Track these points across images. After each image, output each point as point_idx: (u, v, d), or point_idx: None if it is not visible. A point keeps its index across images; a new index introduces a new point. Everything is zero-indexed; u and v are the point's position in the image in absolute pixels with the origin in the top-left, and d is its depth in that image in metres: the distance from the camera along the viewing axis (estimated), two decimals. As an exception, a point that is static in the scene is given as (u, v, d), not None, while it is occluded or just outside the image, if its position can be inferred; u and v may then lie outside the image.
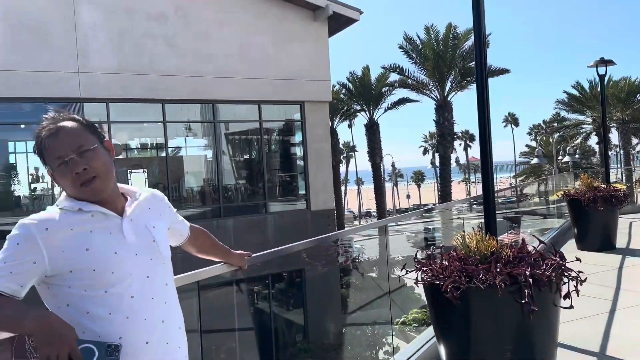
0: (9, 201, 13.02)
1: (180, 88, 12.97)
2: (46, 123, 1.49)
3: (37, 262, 1.35)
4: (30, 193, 13.72)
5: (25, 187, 13.73)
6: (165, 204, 1.68)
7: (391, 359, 3.44)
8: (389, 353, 11.44)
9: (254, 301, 14.57)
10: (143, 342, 1.40)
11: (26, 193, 13.68)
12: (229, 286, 12.40)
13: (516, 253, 2.86)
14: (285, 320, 14.84)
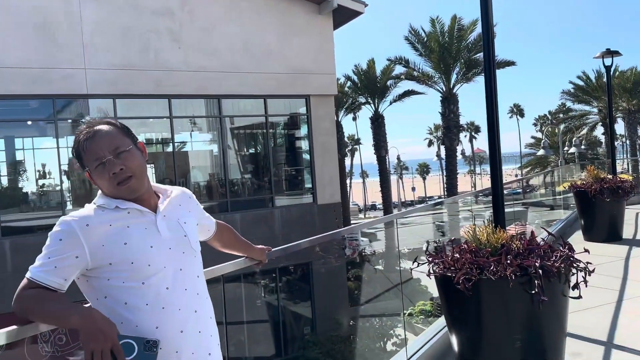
0: (16, 197, 13.13)
1: (186, 83, 13.02)
2: (83, 127, 1.57)
3: (80, 256, 1.43)
4: (38, 189, 13.82)
5: (32, 184, 13.83)
6: (194, 201, 1.76)
7: (402, 350, 3.49)
8: (396, 345, 11.54)
9: (262, 294, 14.69)
10: (178, 331, 1.48)
11: (33, 189, 13.78)
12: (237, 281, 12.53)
13: (526, 245, 2.91)
14: (293, 313, 14.95)
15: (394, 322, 11.84)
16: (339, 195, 16.21)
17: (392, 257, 18.58)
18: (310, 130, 15.10)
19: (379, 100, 28.33)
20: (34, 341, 1.75)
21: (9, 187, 13.30)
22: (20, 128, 13.79)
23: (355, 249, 17.61)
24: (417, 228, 16.77)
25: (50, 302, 1.38)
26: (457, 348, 2.99)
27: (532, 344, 2.76)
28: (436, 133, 70.62)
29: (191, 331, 1.51)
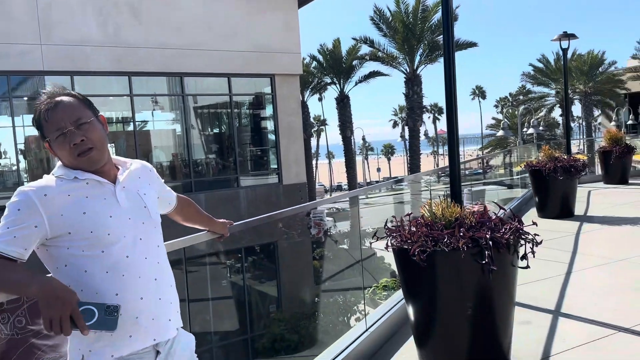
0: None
1: (147, 60, 12.75)
2: (44, 97, 1.57)
3: (39, 226, 1.45)
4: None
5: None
6: (154, 174, 1.79)
7: (362, 322, 3.62)
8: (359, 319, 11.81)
9: (228, 275, 14.73)
10: (138, 297, 1.52)
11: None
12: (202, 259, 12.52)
13: (478, 218, 3.05)
14: (259, 292, 15.06)
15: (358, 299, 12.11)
16: (305, 176, 16.31)
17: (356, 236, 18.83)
18: (276, 110, 15.06)
19: (344, 81, 28.38)
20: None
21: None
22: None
23: (321, 229, 17.77)
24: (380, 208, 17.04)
25: (9, 271, 1.39)
26: (412, 317, 3.13)
27: (482, 311, 2.91)
28: (401, 114, 71.31)
29: (151, 298, 1.55)
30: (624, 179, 11.11)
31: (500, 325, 2.98)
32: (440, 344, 3.05)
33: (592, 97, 31.99)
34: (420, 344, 3.15)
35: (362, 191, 14.59)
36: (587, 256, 5.62)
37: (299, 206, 3.90)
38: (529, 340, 3.50)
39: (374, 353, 3.43)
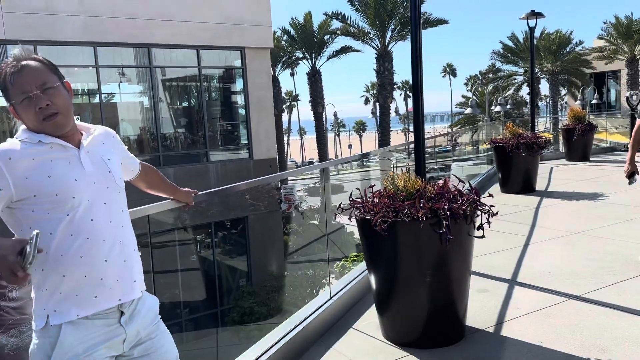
0: None
1: (113, 30, 12.41)
2: (10, 60, 1.56)
3: (4, 188, 1.47)
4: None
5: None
6: (117, 141, 1.81)
7: (326, 290, 3.73)
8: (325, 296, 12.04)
9: (198, 250, 14.73)
10: (102, 260, 1.56)
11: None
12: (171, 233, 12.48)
13: (438, 191, 3.16)
14: (228, 266, 15.13)
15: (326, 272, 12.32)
16: (276, 151, 16.31)
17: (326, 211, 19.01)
18: (246, 84, 14.92)
19: (316, 56, 28.20)
20: None
21: None
22: None
23: (291, 204, 17.86)
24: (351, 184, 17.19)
25: None
26: (374, 285, 3.24)
27: (440, 278, 3.04)
28: (372, 91, 71.34)
29: (115, 260, 1.59)
30: (586, 156, 11.49)
31: (456, 292, 3.12)
32: (400, 309, 3.18)
33: (559, 76, 32.62)
34: (381, 311, 3.28)
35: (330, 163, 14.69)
36: (545, 229, 5.86)
37: (265, 177, 3.95)
38: (485, 307, 3.67)
39: (337, 320, 3.55)
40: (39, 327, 1.53)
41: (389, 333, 3.25)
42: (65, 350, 1.49)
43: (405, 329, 3.18)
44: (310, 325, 3.28)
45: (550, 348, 3.03)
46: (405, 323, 3.18)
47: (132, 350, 1.64)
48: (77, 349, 1.50)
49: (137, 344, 1.65)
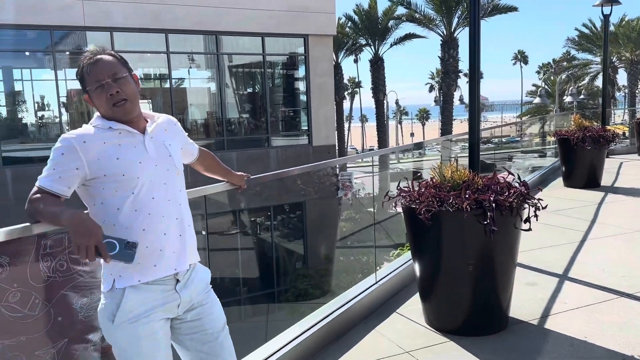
0: (16, 128, 13.29)
1: (184, 18, 12.92)
2: (87, 54, 1.80)
3: (79, 168, 1.69)
4: (37, 121, 13.96)
5: (31, 115, 13.97)
6: (179, 128, 2.02)
7: (372, 275, 3.86)
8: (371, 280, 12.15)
9: (258, 232, 15.20)
10: (162, 233, 1.77)
11: (33, 121, 13.93)
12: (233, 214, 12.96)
13: (485, 182, 3.19)
14: (286, 249, 15.52)
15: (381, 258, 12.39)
16: (335, 138, 16.45)
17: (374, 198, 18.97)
18: (308, 71, 15.10)
19: (379, 42, 27.96)
20: (36, 259, 1.99)
21: (8, 118, 13.44)
22: (18, 59, 13.77)
23: (349, 190, 18.00)
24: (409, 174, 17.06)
25: (51, 204, 1.65)
26: (418, 273, 3.34)
27: (483, 269, 3.09)
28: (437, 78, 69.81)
29: (173, 234, 1.79)
30: (660, 152, 10.86)
31: (500, 283, 3.16)
32: (443, 297, 3.26)
33: (639, 65, 30.65)
34: (424, 297, 3.37)
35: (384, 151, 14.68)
36: (605, 225, 5.68)
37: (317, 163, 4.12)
38: (532, 300, 3.67)
39: (381, 304, 3.67)
40: (106, 289, 1.76)
41: (431, 319, 3.34)
42: (128, 310, 1.72)
43: (447, 316, 3.26)
44: (355, 307, 3.43)
45: (594, 343, 3.02)
46: (448, 310, 3.26)
47: (186, 314, 1.84)
48: (137, 310, 1.72)
49: (190, 309, 1.85)
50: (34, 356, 2.20)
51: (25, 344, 2.21)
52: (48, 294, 2.06)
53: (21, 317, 2.14)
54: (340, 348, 3.11)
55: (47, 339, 2.17)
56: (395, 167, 30.21)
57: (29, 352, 2.19)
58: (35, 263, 2.08)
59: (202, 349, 1.86)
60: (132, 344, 1.71)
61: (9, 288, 2.08)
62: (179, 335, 1.86)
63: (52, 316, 2.14)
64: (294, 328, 3.07)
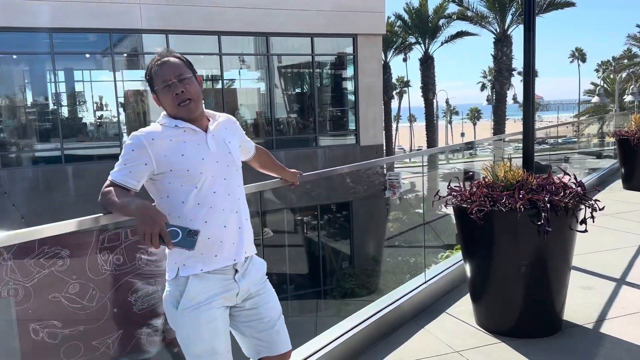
0: (74, 128, 13.93)
1: (235, 19, 13.18)
2: (156, 56, 1.94)
3: (148, 163, 1.82)
4: (96, 120, 14.60)
5: (91, 115, 14.63)
6: (238, 127, 2.13)
7: (421, 274, 3.86)
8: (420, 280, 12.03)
9: (304, 231, 15.34)
10: (222, 225, 1.87)
11: (92, 120, 14.58)
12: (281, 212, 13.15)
13: (540, 182, 3.13)
14: (332, 248, 15.59)
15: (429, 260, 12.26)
16: (382, 137, 16.37)
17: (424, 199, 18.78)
18: (356, 71, 15.09)
19: (429, 41, 27.59)
20: (95, 253, 2.13)
21: (69, 118, 14.11)
22: (78, 61, 14.44)
23: (396, 190, 17.88)
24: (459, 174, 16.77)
25: (121, 196, 1.77)
26: (469, 274, 3.31)
27: (536, 271, 3.03)
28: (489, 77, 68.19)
29: (232, 227, 1.90)
30: None
31: (554, 285, 3.10)
32: (494, 298, 3.23)
33: None
34: (475, 298, 3.34)
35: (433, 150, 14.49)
36: (668, 230, 5.42)
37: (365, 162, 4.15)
38: (587, 304, 3.57)
39: (431, 304, 3.67)
40: (170, 277, 1.87)
41: (482, 320, 3.31)
42: (191, 297, 1.82)
43: (498, 317, 3.22)
44: (404, 306, 3.44)
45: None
46: (499, 311, 3.22)
47: (244, 303, 1.94)
48: (200, 297, 1.82)
49: (248, 298, 1.94)
50: (91, 346, 2.34)
51: (84, 334, 2.34)
52: (105, 286, 2.19)
53: (80, 308, 2.27)
54: (390, 345, 3.13)
55: (103, 330, 2.30)
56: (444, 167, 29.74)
57: (86, 342, 2.32)
58: (93, 256, 2.21)
59: (258, 337, 1.95)
60: (194, 329, 1.81)
61: (69, 280, 2.22)
62: (237, 322, 1.95)
63: (108, 308, 2.27)
64: (343, 323, 3.12)
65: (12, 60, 13.40)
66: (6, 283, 3.14)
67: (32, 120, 13.56)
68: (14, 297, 2.66)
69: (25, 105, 13.57)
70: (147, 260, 2.13)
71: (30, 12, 11.33)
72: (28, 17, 11.35)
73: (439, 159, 21.88)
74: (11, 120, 13.21)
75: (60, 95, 13.71)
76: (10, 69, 13.57)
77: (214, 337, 1.83)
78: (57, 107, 13.33)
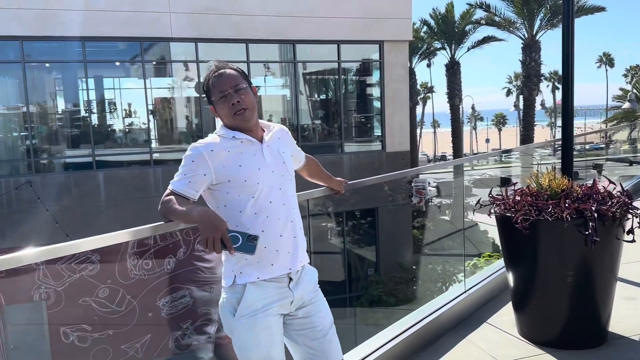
0: (105, 134, 14.19)
1: (263, 28, 13.28)
2: (213, 68, 1.98)
3: (207, 174, 1.86)
4: (125, 127, 14.87)
5: (121, 122, 14.90)
6: (290, 137, 2.16)
7: (461, 283, 3.82)
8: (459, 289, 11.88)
9: (329, 237, 15.33)
10: (278, 235, 1.89)
11: (122, 127, 14.85)
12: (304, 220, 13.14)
13: (585, 191, 3.08)
14: (357, 255, 15.53)
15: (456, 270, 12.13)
16: (408, 144, 16.25)
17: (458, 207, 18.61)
18: (382, 77, 15.06)
19: (455, 46, 27.41)
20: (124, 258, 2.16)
21: (100, 125, 14.40)
22: (108, 69, 14.73)
23: (422, 197, 17.76)
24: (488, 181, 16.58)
25: (182, 204, 1.81)
26: (512, 283, 3.27)
27: (582, 281, 2.97)
28: (516, 82, 67.41)
29: (288, 236, 1.92)
30: None
31: (600, 295, 3.04)
32: (538, 308, 3.17)
33: None
34: (518, 308, 3.29)
35: (467, 160, 14.30)
36: None
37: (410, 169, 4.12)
38: (633, 315, 3.49)
39: (471, 313, 3.62)
40: (227, 284, 1.90)
41: (525, 330, 3.25)
42: (249, 304, 1.85)
43: (542, 327, 3.17)
44: (444, 315, 3.41)
45: None
46: (543, 322, 3.17)
47: (297, 311, 1.95)
48: (257, 304, 1.85)
49: (301, 307, 1.96)
50: (120, 350, 2.36)
51: (113, 338, 2.37)
52: (134, 291, 2.22)
53: (109, 312, 2.30)
54: (431, 355, 3.11)
55: (132, 334, 2.32)
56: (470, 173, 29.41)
57: (115, 346, 2.35)
58: (123, 261, 2.24)
59: (310, 345, 1.96)
60: (251, 336, 1.84)
61: (99, 284, 2.25)
62: (289, 330, 1.96)
63: (137, 312, 2.30)
64: (385, 333, 3.10)
65: (44, 68, 13.74)
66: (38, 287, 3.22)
67: (64, 126, 13.87)
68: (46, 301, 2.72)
69: (57, 112, 13.90)
70: (203, 267, 2.16)
71: (64, 22, 11.62)
72: (62, 26, 11.64)
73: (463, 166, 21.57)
74: (44, 127, 13.53)
75: (92, 103, 13.99)
76: (43, 77, 13.92)
77: (271, 344, 1.85)
78: (88, 114, 13.63)
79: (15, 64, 12.05)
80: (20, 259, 1.63)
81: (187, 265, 2.29)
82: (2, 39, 11.67)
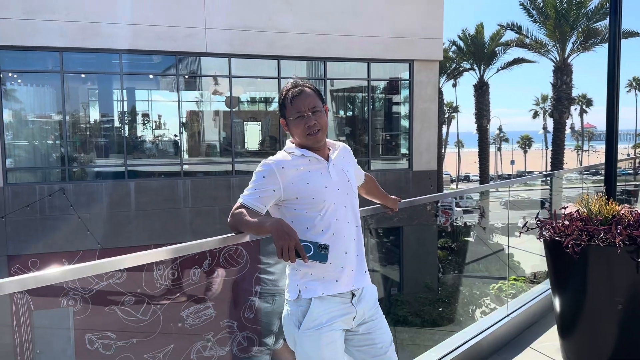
0: (138, 145, 14.46)
1: (296, 45, 13.46)
2: (291, 85, 2.03)
3: (276, 190, 1.90)
4: (156, 138, 15.14)
5: (149, 133, 15.18)
6: (352, 155, 2.20)
7: (503, 307, 3.77)
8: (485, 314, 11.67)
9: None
10: (343, 252, 1.92)
11: (154, 139, 15.12)
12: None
13: (636, 217, 3.03)
14: (380, 274, 15.39)
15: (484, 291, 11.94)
16: (436, 163, 16.18)
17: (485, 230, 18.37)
18: (412, 96, 15.09)
19: (485, 67, 27.31)
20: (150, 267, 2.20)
21: (133, 135, 14.70)
22: (141, 81, 15.06)
23: (448, 218, 17.60)
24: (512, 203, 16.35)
25: (255, 216, 1.86)
26: (558, 308, 3.21)
27: (633, 309, 2.91)
28: (543, 104, 66.76)
29: (352, 253, 1.95)
30: None
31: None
32: (585, 335, 3.11)
33: None
34: (564, 334, 3.23)
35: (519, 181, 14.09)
36: None
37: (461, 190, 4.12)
38: (682, 349, 3.38)
39: (513, 337, 3.57)
40: (292, 297, 1.93)
41: (570, 356, 3.19)
42: (314, 317, 1.87)
43: (589, 354, 3.11)
44: (487, 339, 3.37)
45: None
46: (590, 349, 3.10)
47: (358, 327, 1.97)
48: (322, 318, 1.87)
49: (362, 323, 1.98)
50: (142, 358, 2.38)
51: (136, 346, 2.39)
52: (159, 301, 2.24)
53: (134, 320, 2.33)
54: (475, 378, 3.06)
55: (155, 343, 2.34)
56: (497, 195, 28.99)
57: (138, 354, 2.37)
58: (149, 270, 2.27)
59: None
60: (316, 350, 1.86)
61: (125, 292, 2.29)
62: (350, 346, 1.98)
63: (161, 321, 2.32)
64: (429, 354, 3.07)
65: (79, 78, 14.11)
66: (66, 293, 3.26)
67: (97, 136, 14.19)
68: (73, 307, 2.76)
69: (91, 122, 14.24)
70: (266, 279, 2.19)
71: (103, 35, 11.96)
72: (101, 38, 11.98)
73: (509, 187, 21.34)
74: (78, 136, 13.87)
75: (125, 114, 14.32)
76: (78, 87, 14.29)
77: (334, 358, 1.87)
78: (121, 124, 13.93)
79: (54, 74, 12.42)
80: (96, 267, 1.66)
81: (271, 280, 2.31)
82: (43, 49, 12.06)
